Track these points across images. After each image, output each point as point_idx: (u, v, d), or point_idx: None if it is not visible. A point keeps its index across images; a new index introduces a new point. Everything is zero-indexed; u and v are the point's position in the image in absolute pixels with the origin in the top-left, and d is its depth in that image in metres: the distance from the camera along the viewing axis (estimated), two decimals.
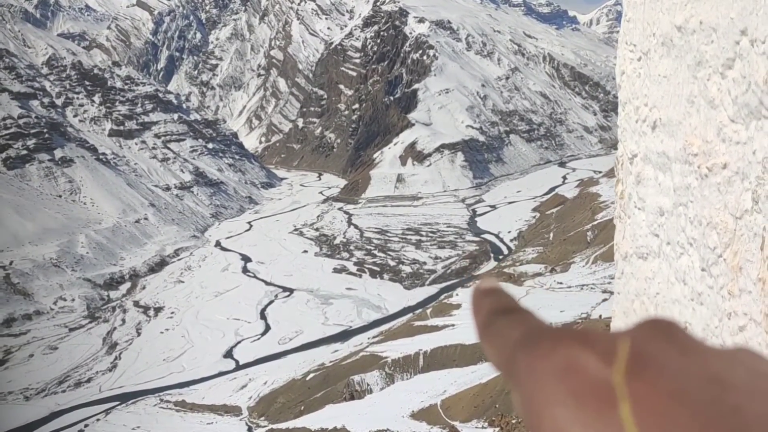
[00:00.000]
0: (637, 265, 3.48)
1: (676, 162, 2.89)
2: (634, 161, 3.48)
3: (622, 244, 3.74)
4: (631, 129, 3.49)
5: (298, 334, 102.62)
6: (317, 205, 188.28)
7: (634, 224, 3.52)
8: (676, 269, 2.94)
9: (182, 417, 77.14)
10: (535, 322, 0.72)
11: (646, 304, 3.40)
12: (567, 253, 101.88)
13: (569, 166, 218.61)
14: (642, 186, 3.38)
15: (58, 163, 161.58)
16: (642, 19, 3.28)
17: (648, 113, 3.22)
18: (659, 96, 3.04)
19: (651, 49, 3.12)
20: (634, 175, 3.49)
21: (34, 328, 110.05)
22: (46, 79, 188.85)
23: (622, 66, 3.61)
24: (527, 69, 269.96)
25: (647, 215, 3.33)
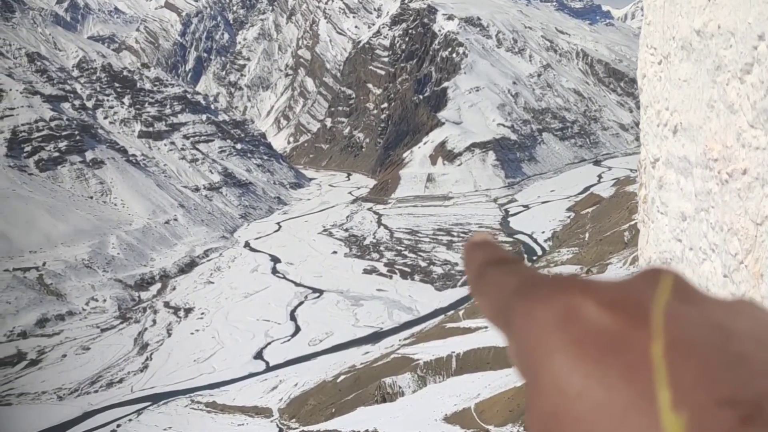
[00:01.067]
0: None
1: (697, 167, 2.97)
2: (656, 165, 3.53)
3: (645, 249, 3.80)
4: (653, 133, 3.54)
5: (328, 335, 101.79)
6: (346, 206, 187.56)
7: (657, 229, 3.58)
8: (699, 275, 3.01)
9: (213, 418, 77.12)
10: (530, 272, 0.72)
11: None
12: (603, 253, 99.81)
13: (605, 164, 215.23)
14: (664, 190, 3.43)
15: (89, 164, 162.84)
16: (662, 22, 3.33)
17: (669, 117, 3.30)
18: (680, 100, 3.14)
19: (671, 53, 3.21)
20: (656, 180, 3.54)
21: (66, 328, 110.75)
22: (77, 82, 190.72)
23: (643, 69, 3.64)
24: (560, 66, 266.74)
25: (670, 220, 3.39)
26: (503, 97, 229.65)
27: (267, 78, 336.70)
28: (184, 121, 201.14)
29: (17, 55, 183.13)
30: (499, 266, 0.73)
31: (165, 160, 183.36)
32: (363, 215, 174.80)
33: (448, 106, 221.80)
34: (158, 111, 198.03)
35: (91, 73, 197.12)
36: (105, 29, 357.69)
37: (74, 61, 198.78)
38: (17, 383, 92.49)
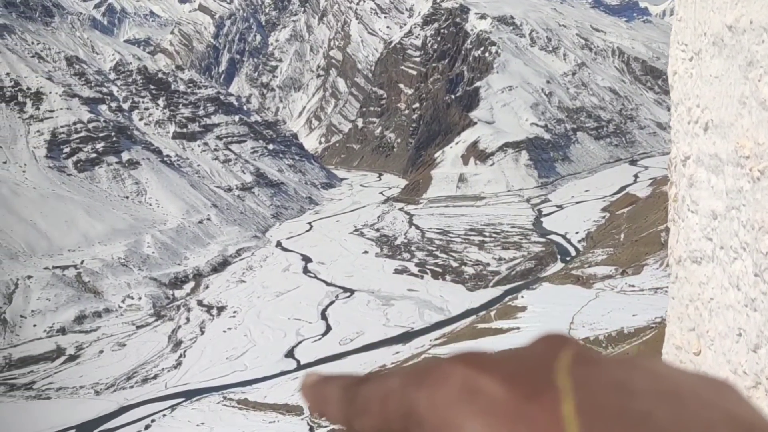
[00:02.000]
0: (691, 269, 3.51)
1: (728, 164, 2.94)
2: (686, 163, 3.51)
3: (676, 248, 3.76)
4: (684, 130, 3.54)
5: (359, 335, 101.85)
6: (378, 206, 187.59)
7: (687, 228, 3.53)
8: (729, 274, 2.98)
9: (245, 415, 77.57)
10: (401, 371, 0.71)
11: (700, 309, 3.44)
12: (639, 254, 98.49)
13: (641, 164, 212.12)
14: (695, 189, 3.40)
15: (125, 165, 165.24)
16: (693, 18, 3.30)
17: (700, 114, 3.27)
18: (711, 97, 3.11)
19: (702, 49, 3.20)
20: (687, 178, 3.51)
21: (103, 325, 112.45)
22: (113, 84, 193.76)
23: (674, 66, 3.63)
24: (595, 64, 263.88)
25: (700, 218, 3.36)
26: (537, 96, 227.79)
27: (299, 79, 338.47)
28: (217, 122, 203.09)
29: (56, 58, 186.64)
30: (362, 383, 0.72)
31: (198, 160, 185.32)
32: (394, 215, 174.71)
33: (480, 105, 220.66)
34: (192, 112, 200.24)
35: (127, 76, 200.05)
36: (140, 32, 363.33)
37: (111, 64, 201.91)
38: (56, 378, 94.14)
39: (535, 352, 0.70)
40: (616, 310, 73.91)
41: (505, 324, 78.81)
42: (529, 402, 0.63)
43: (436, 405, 0.62)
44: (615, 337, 64.94)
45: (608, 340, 65.28)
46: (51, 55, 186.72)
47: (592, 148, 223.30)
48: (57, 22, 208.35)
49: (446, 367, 0.67)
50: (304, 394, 0.81)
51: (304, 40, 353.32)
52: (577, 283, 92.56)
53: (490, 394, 0.65)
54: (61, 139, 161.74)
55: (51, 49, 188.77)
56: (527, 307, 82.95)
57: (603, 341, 65.42)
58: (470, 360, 0.72)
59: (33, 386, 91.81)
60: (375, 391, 0.70)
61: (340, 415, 0.72)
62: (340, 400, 0.72)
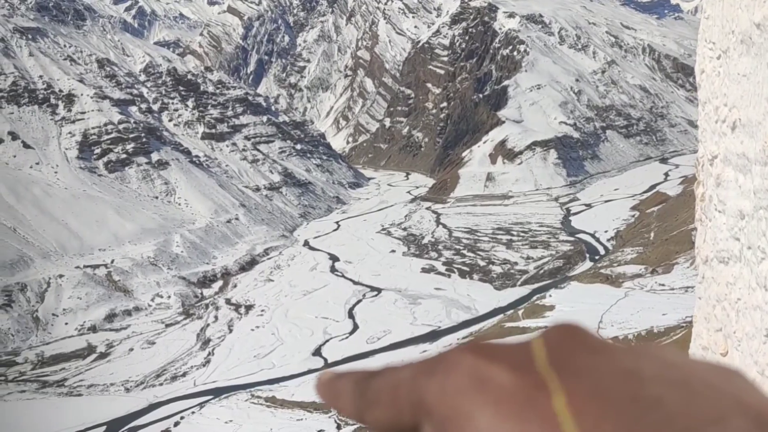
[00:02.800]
0: (718, 269, 3.46)
1: (756, 164, 2.90)
2: (714, 163, 3.46)
3: (703, 248, 3.72)
4: (711, 129, 3.46)
5: (386, 333, 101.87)
6: (405, 205, 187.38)
7: (714, 227, 3.49)
8: (757, 274, 2.94)
9: (272, 413, 78.03)
10: (414, 363, 0.72)
11: (727, 310, 3.39)
12: (669, 253, 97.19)
13: (672, 162, 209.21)
14: (722, 188, 3.35)
15: (154, 165, 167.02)
16: (721, 16, 3.22)
17: (727, 113, 3.21)
18: (739, 95, 3.05)
19: (730, 47, 3.12)
20: (714, 177, 3.46)
21: (133, 323, 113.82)
22: (143, 86, 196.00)
23: (701, 64, 3.57)
24: (625, 62, 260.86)
25: (728, 218, 3.30)
26: (565, 95, 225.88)
27: (326, 79, 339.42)
28: (246, 122, 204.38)
29: (88, 61, 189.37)
30: (374, 375, 0.73)
31: (227, 160, 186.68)
32: (421, 214, 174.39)
33: (508, 104, 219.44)
34: (220, 113, 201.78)
35: (157, 77, 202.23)
36: (170, 35, 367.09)
37: (141, 66, 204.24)
38: (87, 375, 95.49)
39: (546, 342, 0.73)
40: (646, 309, 73.07)
41: (533, 323, 78.37)
42: (538, 390, 0.64)
43: (446, 394, 0.63)
44: (645, 336, 64.34)
45: (638, 339, 64.54)
46: (82, 58, 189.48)
47: (622, 146, 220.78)
48: (88, 26, 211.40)
49: (456, 356, 0.69)
50: (318, 391, 0.84)
51: (332, 41, 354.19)
52: (606, 282, 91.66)
53: (499, 383, 0.66)
54: (92, 140, 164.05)
55: (83, 51, 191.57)
56: (555, 306, 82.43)
57: (632, 340, 64.58)
58: (480, 349, 0.74)
59: (65, 383, 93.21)
60: (385, 382, 0.71)
61: (352, 408, 0.73)
62: (351, 394, 0.73)
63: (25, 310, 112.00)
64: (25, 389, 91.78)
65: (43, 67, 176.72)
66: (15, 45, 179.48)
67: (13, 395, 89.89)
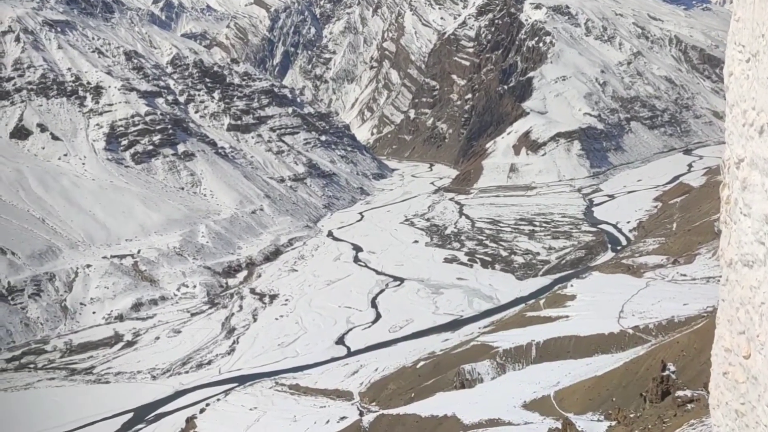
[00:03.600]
0: (743, 273, 3.42)
1: None
2: (740, 166, 3.43)
3: (727, 251, 3.65)
4: (738, 132, 3.43)
5: (408, 322, 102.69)
6: (428, 196, 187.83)
7: (739, 231, 3.45)
8: None
9: (296, 400, 78.67)
10: None
11: (751, 313, 3.37)
12: (692, 244, 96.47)
13: (695, 153, 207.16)
14: (748, 192, 3.34)
15: (180, 157, 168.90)
16: (751, 18, 3.20)
17: (755, 117, 3.20)
18: (767, 100, 3.04)
19: (760, 51, 3.09)
20: (740, 181, 3.43)
21: (159, 312, 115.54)
22: (170, 78, 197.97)
23: (730, 67, 3.49)
24: (651, 53, 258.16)
25: (753, 222, 3.29)
26: (590, 86, 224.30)
27: (352, 71, 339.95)
28: (271, 114, 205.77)
29: (116, 53, 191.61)
30: None
31: (252, 152, 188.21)
32: (445, 205, 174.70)
33: (533, 96, 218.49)
34: (246, 105, 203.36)
35: (184, 69, 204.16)
36: (197, 27, 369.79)
37: (168, 58, 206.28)
38: (115, 363, 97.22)
39: None
40: (667, 299, 72.81)
41: (554, 312, 78.41)
42: None
43: None
44: (665, 326, 64.06)
45: (658, 328, 64.46)
46: (110, 50, 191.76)
47: (646, 137, 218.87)
48: (116, 18, 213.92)
49: None
50: None
51: (358, 32, 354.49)
52: (627, 272, 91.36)
53: None
54: (119, 131, 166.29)
55: (110, 44, 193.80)
56: (577, 296, 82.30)
57: (653, 330, 64.61)
58: None
59: (93, 371, 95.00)
60: None
61: None
62: None
63: (54, 299, 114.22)
64: (54, 377, 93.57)
65: (71, 60, 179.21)
66: (44, 38, 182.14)
67: (42, 382, 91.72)
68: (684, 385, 27.12)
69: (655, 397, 28.05)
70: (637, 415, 25.64)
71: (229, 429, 71.22)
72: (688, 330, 55.51)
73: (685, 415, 21.48)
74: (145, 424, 79.60)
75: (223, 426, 72.30)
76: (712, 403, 4.05)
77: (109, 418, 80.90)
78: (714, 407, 4.10)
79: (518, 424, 50.18)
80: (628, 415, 26.17)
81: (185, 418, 77.20)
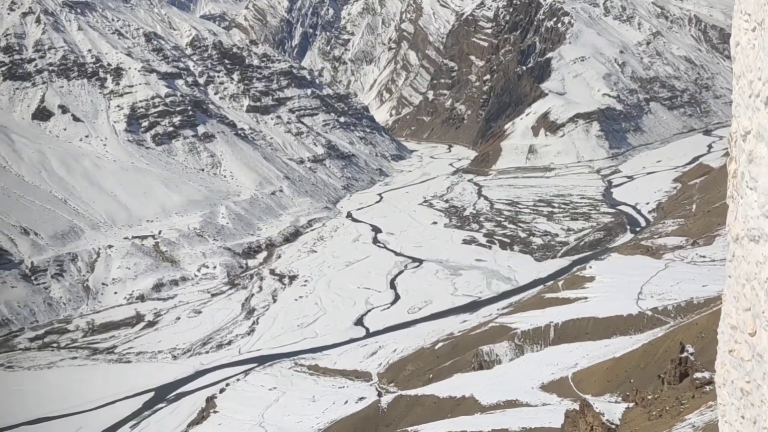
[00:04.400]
0: (749, 248, 3.37)
1: None
2: (746, 138, 3.35)
3: (734, 226, 3.59)
4: (745, 104, 3.34)
5: (427, 303, 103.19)
6: (447, 177, 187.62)
7: (746, 205, 3.39)
8: None
9: (315, 380, 79.18)
10: None
11: (756, 290, 3.32)
12: (711, 225, 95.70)
13: (716, 134, 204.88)
14: (754, 165, 3.26)
15: (200, 138, 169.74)
16: None
17: (762, 88, 3.13)
18: None
19: (766, 19, 3.06)
20: (746, 153, 3.36)
21: (180, 292, 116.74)
22: (189, 59, 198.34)
23: (736, 37, 3.40)
24: (670, 33, 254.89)
25: (759, 196, 3.25)
26: (609, 67, 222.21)
27: (370, 52, 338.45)
28: (290, 95, 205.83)
29: (135, 35, 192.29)
30: None
31: (271, 133, 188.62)
32: (463, 186, 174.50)
33: (551, 77, 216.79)
34: (265, 86, 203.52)
35: (203, 51, 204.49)
36: (216, 8, 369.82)
37: (187, 40, 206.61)
38: (136, 342, 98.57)
39: None
40: (686, 281, 72.48)
41: (573, 294, 78.29)
42: None
43: None
44: (684, 308, 63.72)
45: (677, 310, 64.09)
46: (130, 32, 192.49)
47: (665, 118, 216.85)
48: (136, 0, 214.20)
49: None
50: None
51: (376, 13, 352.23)
52: (646, 253, 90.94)
53: None
54: (139, 113, 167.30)
55: (130, 25, 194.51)
56: (595, 278, 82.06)
57: (671, 311, 64.37)
58: None
59: (114, 350, 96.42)
60: None
61: None
62: None
63: (76, 279, 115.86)
64: (77, 356, 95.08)
65: (91, 41, 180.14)
66: (64, 19, 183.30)
67: (65, 361, 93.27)
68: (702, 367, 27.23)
69: (673, 379, 28.21)
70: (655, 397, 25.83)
71: (249, 409, 71.96)
72: (707, 312, 55.19)
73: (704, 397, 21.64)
74: (166, 403, 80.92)
75: (242, 406, 73.07)
76: (718, 381, 4.13)
77: (131, 397, 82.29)
78: (720, 386, 4.16)
79: (536, 406, 50.52)
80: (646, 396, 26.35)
81: (205, 397, 78.01)
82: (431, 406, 57.41)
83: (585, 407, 27.78)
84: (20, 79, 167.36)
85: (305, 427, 65.32)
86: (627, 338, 60.52)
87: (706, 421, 18.43)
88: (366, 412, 62.54)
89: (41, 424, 76.79)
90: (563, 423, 30.70)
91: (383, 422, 59.36)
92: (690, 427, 18.49)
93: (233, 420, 69.95)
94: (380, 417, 60.35)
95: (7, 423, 76.49)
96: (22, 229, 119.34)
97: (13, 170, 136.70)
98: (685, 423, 19.31)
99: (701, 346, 42.90)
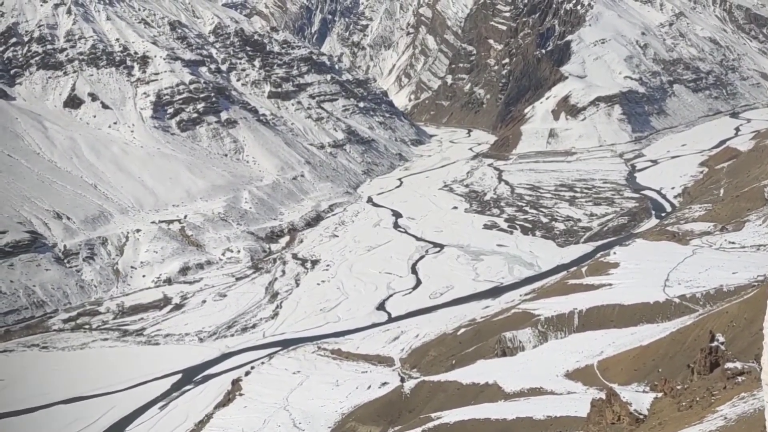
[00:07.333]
0: None
1: None
2: None
3: None
4: None
5: (448, 289, 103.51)
6: (467, 162, 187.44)
7: None
8: None
9: (338, 365, 79.54)
10: None
11: None
12: (740, 210, 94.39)
13: (743, 116, 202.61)
14: None
15: (223, 124, 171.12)
16: None
17: None
18: None
19: None
20: None
21: (205, 276, 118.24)
22: (212, 47, 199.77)
23: None
24: (694, 13, 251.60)
25: None
26: (631, 49, 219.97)
27: (389, 37, 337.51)
28: (310, 81, 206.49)
29: (161, 24, 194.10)
30: None
31: (292, 119, 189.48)
32: (483, 171, 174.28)
33: (571, 59, 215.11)
34: (286, 72, 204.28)
35: (225, 38, 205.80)
36: None
37: (210, 28, 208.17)
38: (164, 325, 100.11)
39: None
40: (715, 268, 70.55)
41: (597, 280, 76.94)
42: None
43: None
44: (713, 295, 61.61)
45: (706, 298, 62.12)
46: (156, 21, 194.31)
47: (690, 100, 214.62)
48: None
49: None
50: None
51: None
52: (672, 239, 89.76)
53: None
54: (165, 100, 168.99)
55: (155, 14, 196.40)
56: (620, 264, 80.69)
57: (700, 299, 62.33)
58: None
59: (143, 332, 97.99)
60: None
61: None
62: None
63: (106, 262, 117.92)
64: (108, 337, 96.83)
65: (119, 31, 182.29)
66: (93, 10, 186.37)
67: (96, 342, 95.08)
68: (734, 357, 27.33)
69: (703, 369, 28.24)
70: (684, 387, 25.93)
71: (274, 392, 72.75)
72: (737, 300, 53.46)
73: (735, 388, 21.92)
74: (193, 385, 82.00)
75: (267, 389, 73.84)
76: (765, 378, 4.34)
77: (160, 378, 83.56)
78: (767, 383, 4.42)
79: (561, 394, 49.92)
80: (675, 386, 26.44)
81: (231, 380, 78.85)
82: (454, 393, 57.19)
83: (611, 396, 27.69)
84: (52, 68, 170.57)
85: (329, 410, 65.86)
86: (654, 326, 59.29)
87: (738, 413, 18.83)
88: (389, 397, 62.66)
89: (75, 403, 78.44)
90: (589, 412, 30.42)
91: (406, 408, 59.42)
92: (722, 419, 18.94)
93: (258, 403, 70.70)
94: (403, 402, 60.39)
95: (43, 402, 78.45)
96: (55, 214, 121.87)
97: (47, 156, 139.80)
98: (717, 415, 19.73)
99: (732, 335, 42.03)
